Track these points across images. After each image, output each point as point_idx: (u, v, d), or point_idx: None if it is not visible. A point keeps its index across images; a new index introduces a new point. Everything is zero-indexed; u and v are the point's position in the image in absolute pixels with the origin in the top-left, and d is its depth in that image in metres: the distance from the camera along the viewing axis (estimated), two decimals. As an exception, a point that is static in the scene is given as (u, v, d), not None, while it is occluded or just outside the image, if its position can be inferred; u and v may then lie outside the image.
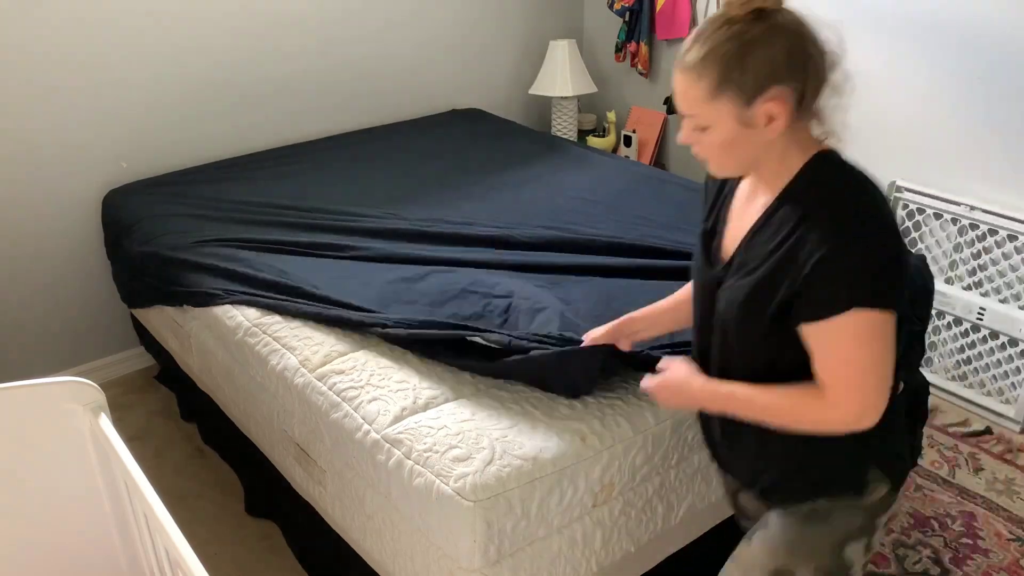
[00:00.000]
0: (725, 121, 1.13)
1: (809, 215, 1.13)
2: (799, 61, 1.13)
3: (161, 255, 2.36)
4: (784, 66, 1.11)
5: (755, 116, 1.12)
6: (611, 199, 2.61)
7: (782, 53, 1.10)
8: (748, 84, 1.10)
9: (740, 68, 1.09)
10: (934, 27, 2.66)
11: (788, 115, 1.14)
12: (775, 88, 1.11)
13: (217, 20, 2.87)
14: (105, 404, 1.60)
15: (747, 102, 1.11)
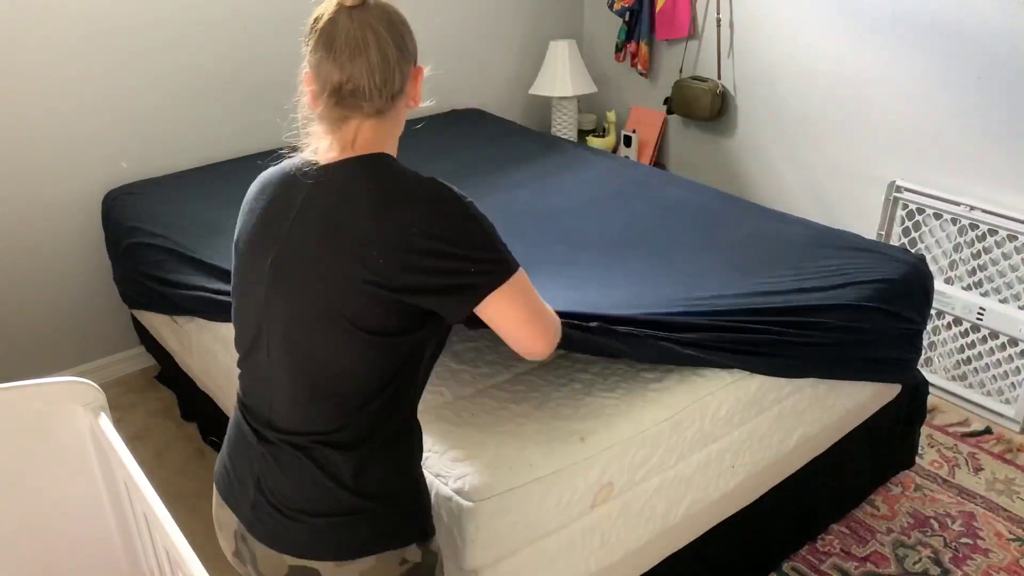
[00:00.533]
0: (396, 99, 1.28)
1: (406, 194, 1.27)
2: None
3: (160, 263, 2.36)
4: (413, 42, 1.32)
5: (409, 87, 1.30)
6: (607, 199, 2.60)
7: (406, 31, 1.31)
8: (409, 54, 1.29)
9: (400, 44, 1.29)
10: (934, 27, 2.66)
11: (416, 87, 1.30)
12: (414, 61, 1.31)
13: (217, 20, 2.87)
14: (105, 404, 1.60)
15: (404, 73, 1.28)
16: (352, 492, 1.17)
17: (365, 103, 1.15)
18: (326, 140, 1.19)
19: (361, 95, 1.15)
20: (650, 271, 2.11)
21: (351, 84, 1.14)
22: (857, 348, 2.03)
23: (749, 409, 1.86)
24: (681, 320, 1.77)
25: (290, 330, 1.16)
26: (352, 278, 1.10)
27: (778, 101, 3.21)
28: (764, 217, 2.45)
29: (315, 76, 1.16)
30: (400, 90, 1.19)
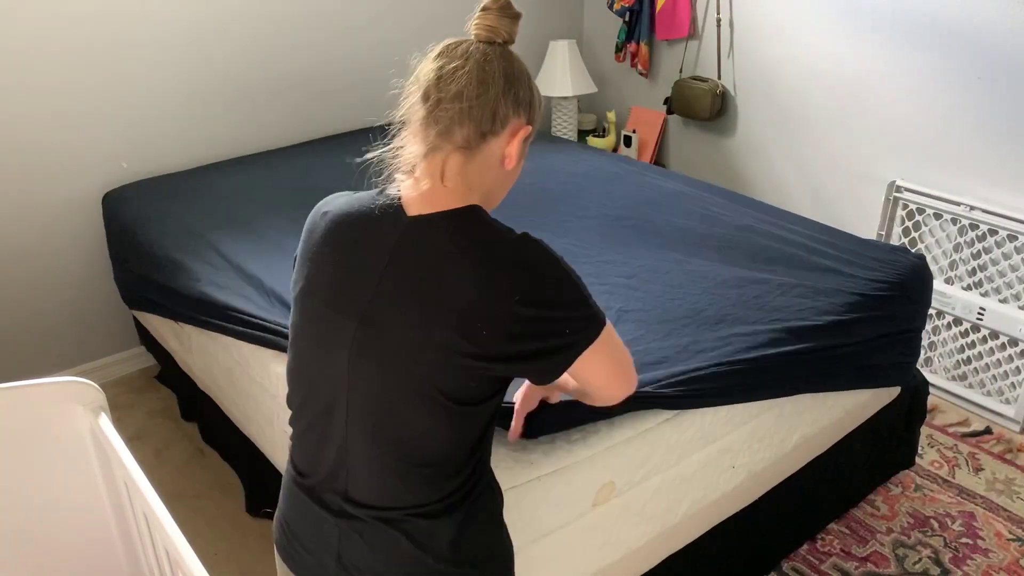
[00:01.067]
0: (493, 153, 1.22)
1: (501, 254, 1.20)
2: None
3: (160, 268, 2.36)
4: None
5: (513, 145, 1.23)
6: (603, 196, 2.61)
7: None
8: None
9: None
10: (934, 27, 2.66)
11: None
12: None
13: (217, 21, 2.87)
14: (105, 404, 1.60)
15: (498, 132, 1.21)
16: (450, 562, 1.14)
17: (456, 127, 1.11)
18: (414, 168, 1.15)
19: (453, 115, 1.10)
20: (647, 275, 2.11)
21: (447, 91, 1.11)
22: (854, 357, 2.03)
23: (749, 409, 1.86)
24: (680, 377, 1.74)
25: (379, 402, 1.10)
26: (452, 351, 1.05)
27: (778, 101, 3.21)
28: (762, 216, 2.46)
29: (420, 86, 1.14)
30: (493, 131, 1.12)
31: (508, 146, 1.14)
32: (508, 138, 1.14)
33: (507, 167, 1.15)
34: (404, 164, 1.17)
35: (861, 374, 2.09)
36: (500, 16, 1.18)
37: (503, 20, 1.18)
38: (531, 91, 1.17)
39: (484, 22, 1.19)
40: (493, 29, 1.18)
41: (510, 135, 1.14)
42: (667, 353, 1.77)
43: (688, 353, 1.77)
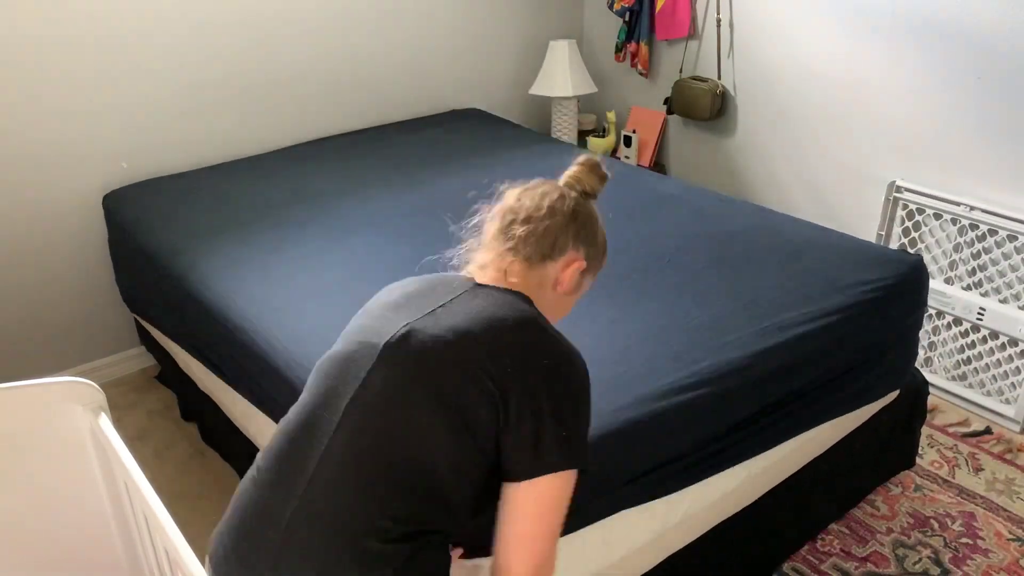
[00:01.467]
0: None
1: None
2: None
3: (156, 281, 2.37)
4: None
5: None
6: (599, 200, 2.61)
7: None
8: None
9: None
10: (934, 27, 2.66)
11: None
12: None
13: (217, 21, 2.87)
14: (105, 404, 1.60)
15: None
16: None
17: (520, 242, 1.30)
18: (486, 264, 1.34)
19: (519, 232, 1.30)
20: (640, 279, 2.10)
21: (520, 214, 1.32)
22: (850, 361, 2.04)
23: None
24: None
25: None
26: (469, 375, 1.17)
27: (778, 101, 3.21)
28: (757, 218, 2.45)
29: (501, 207, 1.36)
30: (551, 256, 1.32)
31: (562, 272, 1.33)
32: (563, 266, 1.33)
33: (559, 291, 1.33)
34: (473, 264, 1.36)
35: (860, 395, 2.09)
36: (588, 172, 1.40)
37: (589, 176, 1.40)
38: (594, 235, 1.37)
39: (573, 172, 1.40)
40: (579, 179, 1.39)
41: (565, 263, 1.33)
42: (658, 363, 1.77)
43: (682, 363, 1.77)
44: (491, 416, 1.17)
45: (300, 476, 1.19)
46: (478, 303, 1.25)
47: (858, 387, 2.10)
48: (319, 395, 1.26)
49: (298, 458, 1.21)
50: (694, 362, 1.77)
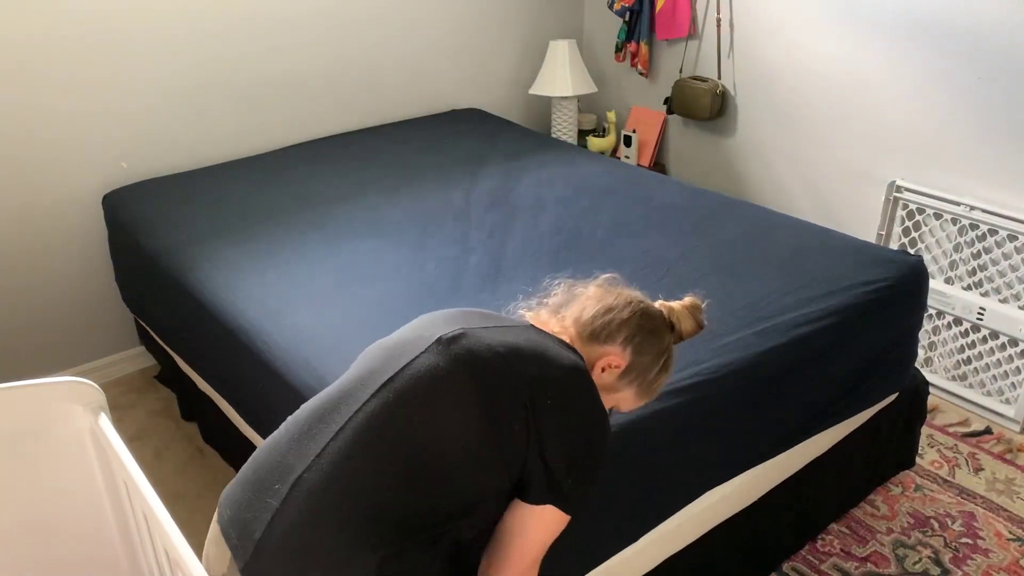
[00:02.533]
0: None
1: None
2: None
3: (155, 285, 2.37)
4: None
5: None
6: (598, 197, 2.61)
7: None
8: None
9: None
10: (934, 27, 2.66)
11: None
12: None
13: (217, 21, 2.87)
14: (105, 404, 1.60)
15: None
16: None
17: (579, 313, 1.35)
18: (546, 320, 1.39)
19: (581, 306, 1.36)
20: (639, 281, 2.10)
21: (586, 296, 1.39)
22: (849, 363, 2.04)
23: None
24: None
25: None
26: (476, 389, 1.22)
27: (778, 101, 3.21)
28: (755, 219, 2.45)
29: (583, 289, 1.43)
30: (600, 338, 1.34)
31: (599, 360, 1.34)
32: (604, 355, 1.34)
33: (594, 373, 1.33)
34: (533, 314, 1.42)
35: (858, 380, 2.09)
36: (687, 310, 1.43)
37: (686, 314, 1.42)
38: (649, 351, 1.35)
39: (675, 302, 1.44)
40: (673, 309, 1.42)
41: (606, 354, 1.34)
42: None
43: (683, 364, 1.76)
44: (523, 434, 1.20)
45: (314, 445, 1.22)
46: (535, 336, 1.31)
47: (858, 390, 2.10)
48: (358, 373, 1.29)
49: (320, 427, 1.24)
50: (696, 363, 1.77)
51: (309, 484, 1.18)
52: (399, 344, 1.30)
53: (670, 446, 1.71)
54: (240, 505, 1.23)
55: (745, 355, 1.81)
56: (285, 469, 1.22)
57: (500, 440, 1.20)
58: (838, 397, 2.05)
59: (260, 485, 1.23)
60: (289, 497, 1.18)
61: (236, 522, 1.22)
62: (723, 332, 1.87)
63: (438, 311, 1.40)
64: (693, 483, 1.80)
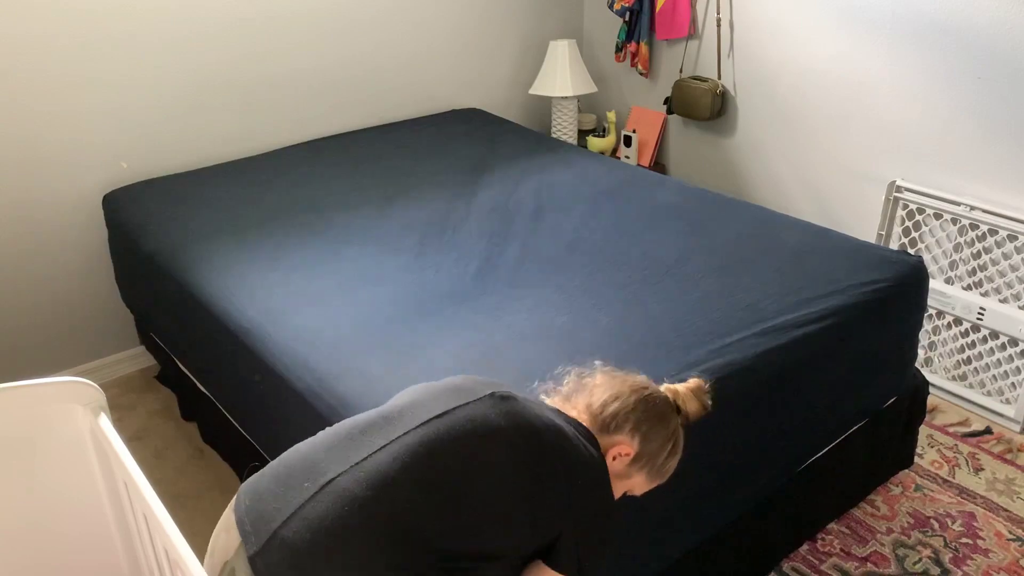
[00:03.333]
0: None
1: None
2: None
3: (155, 287, 2.37)
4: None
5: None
6: (598, 199, 2.60)
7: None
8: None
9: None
10: (934, 27, 2.66)
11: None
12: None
13: (217, 20, 2.87)
14: (105, 404, 1.60)
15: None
16: None
17: (592, 402, 1.40)
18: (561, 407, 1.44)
19: (591, 394, 1.41)
20: (639, 284, 2.10)
21: (596, 385, 1.43)
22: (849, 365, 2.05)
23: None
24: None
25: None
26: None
27: (778, 101, 3.21)
28: (755, 220, 2.44)
29: (590, 378, 1.47)
30: (609, 428, 1.38)
31: (611, 448, 1.38)
32: (614, 443, 1.38)
33: (608, 460, 1.38)
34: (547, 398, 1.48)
35: (857, 381, 2.09)
36: (692, 392, 1.47)
37: (691, 396, 1.47)
38: (656, 436, 1.39)
39: (680, 385, 1.48)
40: (678, 392, 1.46)
41: (616, 443, 1.38)
42: (660, 364, 1.77)
43: (684, 365, 1.77)
44: (559, 505, 1.27)
45: (354, 454, 1.24)
46: (565, 419, 1.37)
47: (858, 391, 2.10)
48: (402, 404, 1.34)
49: (362, 439, 1.26)
50: (698, 363, 1.77)
51: (342, 487, 1.19)
52: (448, 388, 1.34)
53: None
54: (262, 496, 1.24)
55: (746, 356, 1.81)
56: (318, 471, 1.23)
57: (537, 503, 1.25)
58: (838, 397, 2.05)
59: (287, 481, 1.24)
60: (318, 496, 1.19)
61: (254, 511, 1.23)
62: (724, 333, 1.87)
63: (468, 375, 1.44)
64: (692, 489, 1.79)
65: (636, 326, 1.91)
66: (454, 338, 1.88)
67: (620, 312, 1.97)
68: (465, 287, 2.11)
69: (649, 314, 1.96)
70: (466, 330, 1.91)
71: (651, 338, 1.86)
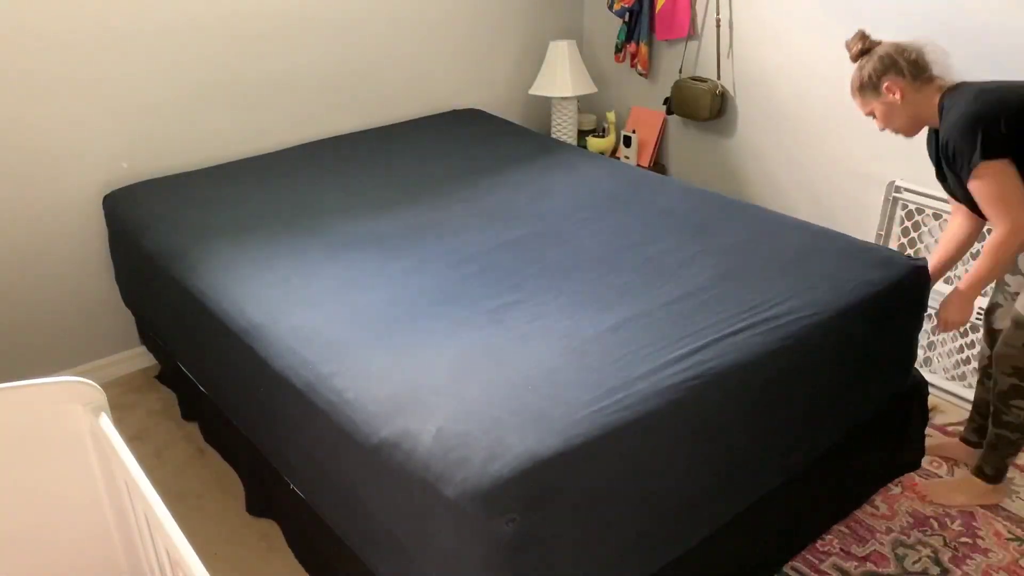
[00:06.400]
0: (877, 106, 2.10)
1: (943, 126, 2.01)
2: (889, 62, 2.05)
3: (156, 286, 2.37)
4: (882, 69, 2.06)
5: (887, 96, 2.07)
6: (600, 203, 2.60)
7: (879, 64, 2.07)
8: (872, 85, 2.09)
9: (865, 81, 2.10)
10: (934, 27, 2.66)
11: (903, 88, 2.05)
12: (885, 79, 2.06)
13: (218, 21, 2.87)
14: (105, 404, 1.60)
15: (877, 93, 2.09)
16: None
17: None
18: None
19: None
20: (640, 286, 2.10)
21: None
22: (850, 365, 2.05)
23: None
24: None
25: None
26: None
27: (778, 101, 3.21)
28: (756, 222, 2.44)
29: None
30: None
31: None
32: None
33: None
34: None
35: (858, 381, 2.09)
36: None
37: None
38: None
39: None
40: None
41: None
42: (660, 364, 1.78)
43: (687, 364, 1.77)
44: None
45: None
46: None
47: (858, 391, 2.10)
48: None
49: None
50: (701, 363, 1.77)
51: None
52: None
53: (670, 447, 1.71)
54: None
55: (749, 355, 1.81)
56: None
57: None
58: (839, 397, 2.06)
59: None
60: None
61: None
62: (727, 333, 1.87)
63: None
64: (694, 488, 1.79)
65: (638, 327, 1.91)
66: (454, 338, 1.88)
67: (622, 314, 1.97)
68: (465, 289, 2.11)
69: (652, 316, 1.96)
70: (466, 330, 1.91)
71: (653, 339, 1.86)
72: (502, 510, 1.46)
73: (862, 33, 2.12)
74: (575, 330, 1.90)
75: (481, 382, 1.72)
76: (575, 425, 1.58)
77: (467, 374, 1.75)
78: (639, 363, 1.76)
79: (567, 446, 1.54)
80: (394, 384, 1.73)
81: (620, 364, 1.77)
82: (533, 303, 2.03)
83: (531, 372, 1.73)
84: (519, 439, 1.54)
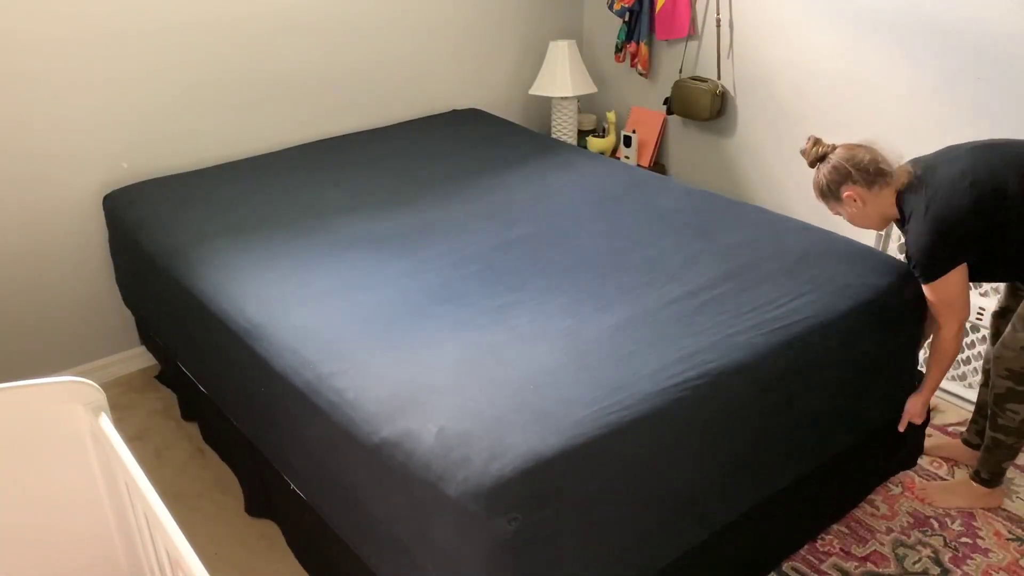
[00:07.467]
0: (843, 210, 2.14)
1: (904, 234, 2.08)
2: (844, 173, 2.07)
3: (156, 286, 2.37)
4: (839, 179, 2.08)
5: (849, 203, 2.10)
6: (601, 203, 2.60)
7: (834, 175, 2.09)
8: (832, 194, 2.11)
9: (825, 191, 2.13)
10: (934, 27, 2.67)
11: (861, 195, 2.07)
12: (843, 188, 2.08)
13: (218, 21, 2.87)
14: (105, 404, 1.60)
15: (839, 201, 2.12)
16: None
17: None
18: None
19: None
20: (641, 286, 2.10)
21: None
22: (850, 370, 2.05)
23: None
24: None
25: None
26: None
27: (778, 101, 3.21)
28: (757, 223, 2.44)
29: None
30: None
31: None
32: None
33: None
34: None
35: (860, 383, 2.09)
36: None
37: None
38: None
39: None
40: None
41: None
42: (662, 363, 1.78)
43: (690, 364, 1.77)
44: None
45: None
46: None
47: (861, 395, 2.10)
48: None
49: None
50: (703, 363, 1.77)
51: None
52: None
53: (672, 446, 1.71)
54: None
55: (751, 356, 1.81)
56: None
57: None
58: (841, 398, 2.05)
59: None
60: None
61: None
62: (731, 332, 1.87)
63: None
64: (694, 487, 1.79)
65: (640, 328, 1.91)
66: (455, 338, 1.88)
67: (623, 313, 1.97)
68: (466, 289, 2.10)
69: (654, 316, 1.95)
70: (467, 330, 1.91)
71: (655, 339, 1.86)
72: (504, 509, 1.46)
73: (815, 139, 2.13)
74: (576, 330, 1.90)
75: (482, 382, 1.72)
76: (576, 424, 1.58)
77: (468, 373, 1.75)
78: (640, 363, 1.76)
79: (569, 445, 1.54)
80: (395, 384, 1.73)
81: (621, 364, 1.77)
82: (534, 303, 2.02)
83: (532, 371, 1.73)
84: (521, 438, 1.54)
